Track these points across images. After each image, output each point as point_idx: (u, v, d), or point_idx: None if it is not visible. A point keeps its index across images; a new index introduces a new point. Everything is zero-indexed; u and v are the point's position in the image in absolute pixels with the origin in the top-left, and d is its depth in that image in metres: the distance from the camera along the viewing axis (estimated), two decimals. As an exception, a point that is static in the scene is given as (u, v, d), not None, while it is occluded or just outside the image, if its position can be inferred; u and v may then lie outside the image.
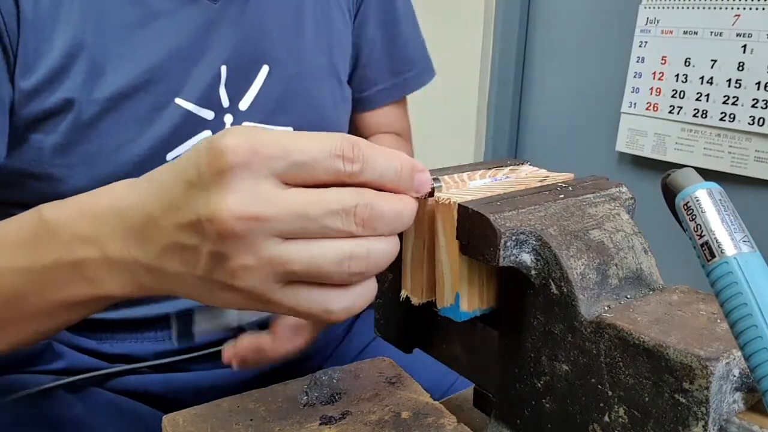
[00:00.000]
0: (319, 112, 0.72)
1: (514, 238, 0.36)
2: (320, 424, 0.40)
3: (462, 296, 0.39)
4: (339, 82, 0.75)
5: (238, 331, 0.65)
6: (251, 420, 0.41)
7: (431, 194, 0.38)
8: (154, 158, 0.60)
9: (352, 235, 0.34)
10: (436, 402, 0.43)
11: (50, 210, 0.41)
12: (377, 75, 0.82)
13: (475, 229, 0.36)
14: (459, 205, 0.37)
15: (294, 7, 0.69)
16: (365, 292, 0.36)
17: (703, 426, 0.31)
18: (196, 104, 0.61)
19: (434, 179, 0.38)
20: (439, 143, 1.78)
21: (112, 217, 0.38)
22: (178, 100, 0.60)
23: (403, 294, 0.43)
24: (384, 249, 0.35)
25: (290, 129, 0.69)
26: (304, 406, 0.43)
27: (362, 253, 0.34)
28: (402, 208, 0.35)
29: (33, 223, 0.41)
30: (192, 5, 0.60)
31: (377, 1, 0.79)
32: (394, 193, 0.36)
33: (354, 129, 0.85)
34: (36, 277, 0.41)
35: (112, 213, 0.38)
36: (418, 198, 0.37)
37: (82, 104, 0.56)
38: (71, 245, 0.39)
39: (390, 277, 0.47)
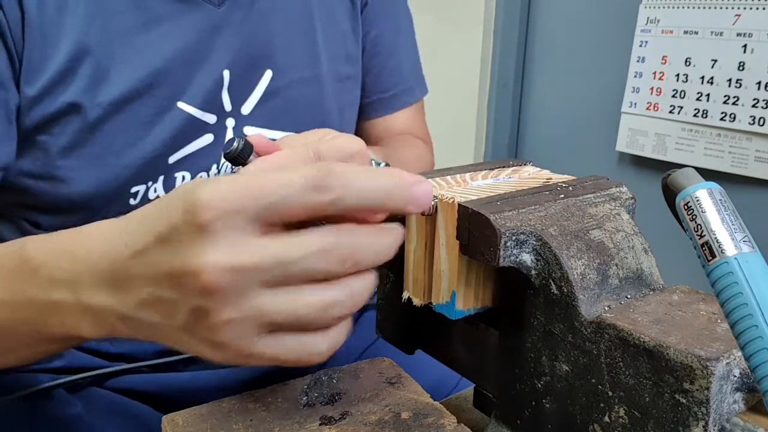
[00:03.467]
0: (323, 117, 0.71)
1: (514, 238, 0.36)
2: (320, 424, 0.40)
3: (458, 295, 0.39)
4: (345, 88, 0.75)
5: None
6: (251, 420, 0.41)
7: (435, 210, 0.38)
8: (157, 161, 0.60)
9: (334, 275, 0.33)
10: (436, 402, 0.43)
11: (34, 246, 0.41)
12: (377, 83, 0.81)
13: (475, 229, 0.36)
14: (459, 204, 0.37)
15: (301, 12, 0.69)
16: (344, 330, 0.36)
17: (704, 426, 0.31)
18: (198, 108, 0.61)
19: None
20: (440, 143, 1.77)
21: (88, 261, 0.37)
22: (181, 104, 0.60)
23: (405, 295, 0.43)
24: (365, 285, 0.34)
25: (293, 134, 0.68)
26: (304, 406, 0.42)
27: (345, 298, 0.34)
28: (383, 240, 0.34)
29: (16, 258, 0.41)
30: (195, 10, 0.61)
31: (381, 11, 0.78)
32: (387, 212, 0.35)
33: (367, 137, 0.84)
34: (13, 310, 0.41)
35: (89, 256, 0.37)
36: (422, 214, 0.36)
37: (87, 108, 0.56)
38: (48, 286, 0.39)
39: (392, 278, 0.47)
